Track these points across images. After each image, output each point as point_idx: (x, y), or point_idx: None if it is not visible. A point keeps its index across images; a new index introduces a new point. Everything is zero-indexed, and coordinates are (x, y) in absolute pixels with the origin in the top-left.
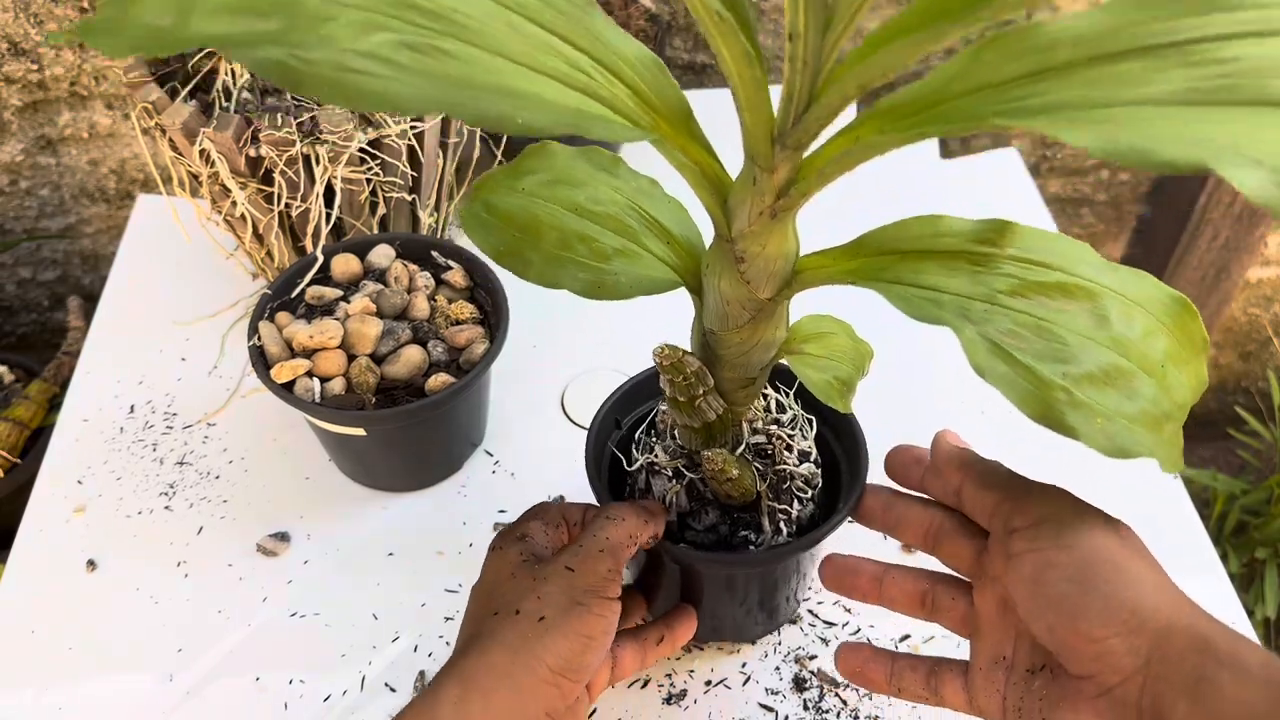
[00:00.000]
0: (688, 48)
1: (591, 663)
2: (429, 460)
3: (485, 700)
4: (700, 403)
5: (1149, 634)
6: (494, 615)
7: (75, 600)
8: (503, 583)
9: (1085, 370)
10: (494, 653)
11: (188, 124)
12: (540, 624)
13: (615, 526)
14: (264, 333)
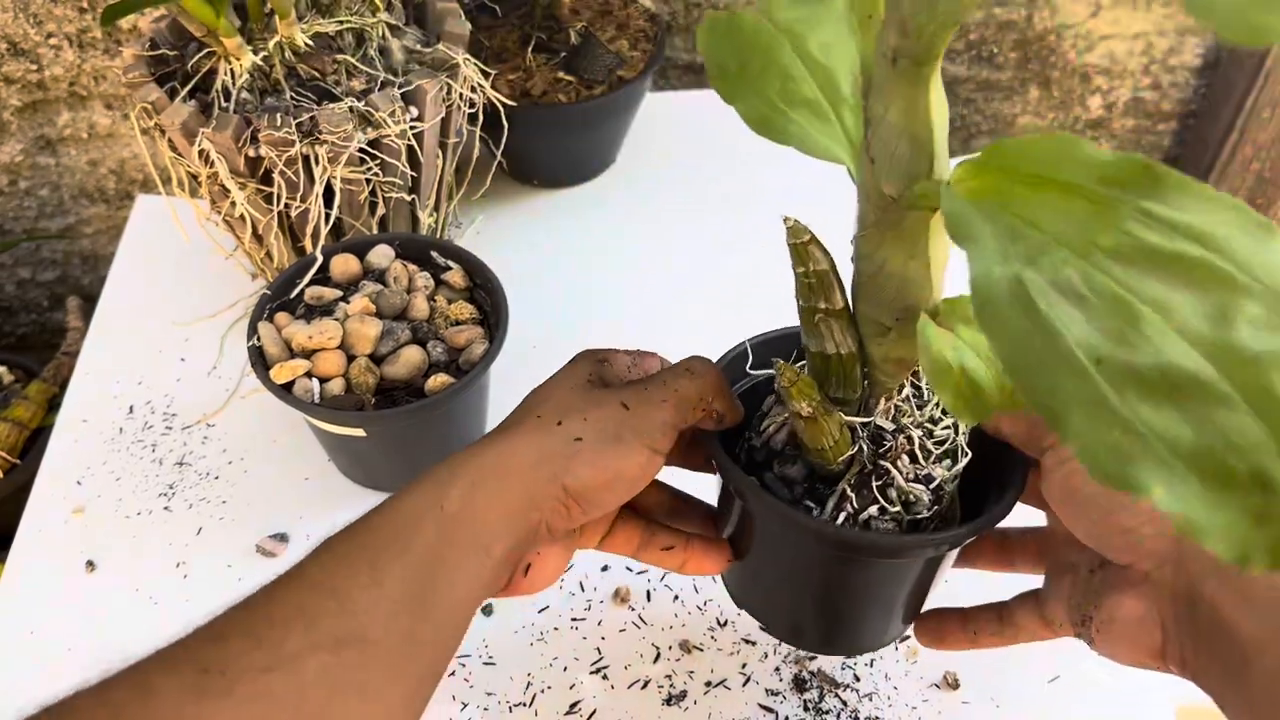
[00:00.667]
0: (688, 48)
1: (609, 500)
2: (429, 461)
3: (496, 491)
4: (820, 322)
5: None
6: (536, 418)
7: (74, 601)
8: (560, 393)
9: (1139, 364)
10: (520, 453)
11: (187, 124)
12: (574, 444)
13: (689, 381)
14: (263, 333)
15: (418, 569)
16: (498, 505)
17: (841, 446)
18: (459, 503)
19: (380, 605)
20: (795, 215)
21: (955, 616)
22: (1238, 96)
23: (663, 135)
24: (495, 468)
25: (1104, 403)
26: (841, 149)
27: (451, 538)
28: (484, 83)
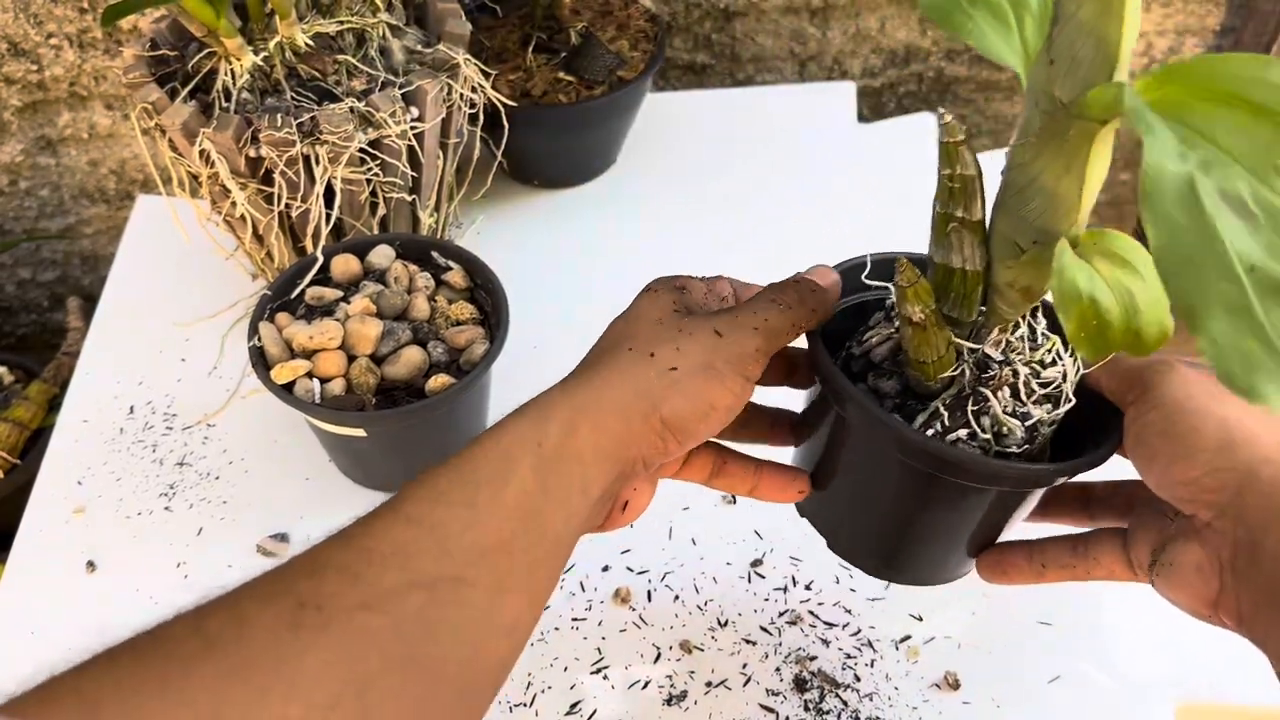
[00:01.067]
0: (688, 48)
1: (703, 431)
2: (429, 461)
3: (595, 430)
4: (953, 231)
5: (1239, 469)
6: (628, 351)
7: (75, 601)
8: (647, 324)
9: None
10: (616, 387)
11: (187, 124)
12: (670, 374)
13: (779, 313)
14: (264, 333)
15: (515, 511)
16: (596, 443)
17: (943, 364)
18: (556, 441)
19: (475, 548)
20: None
21: (1021, 548)
22: None
23: (663, 135)
24: (592, 404)
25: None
26: (1015, 55)
27: (549, 478)
28: (484, 83)
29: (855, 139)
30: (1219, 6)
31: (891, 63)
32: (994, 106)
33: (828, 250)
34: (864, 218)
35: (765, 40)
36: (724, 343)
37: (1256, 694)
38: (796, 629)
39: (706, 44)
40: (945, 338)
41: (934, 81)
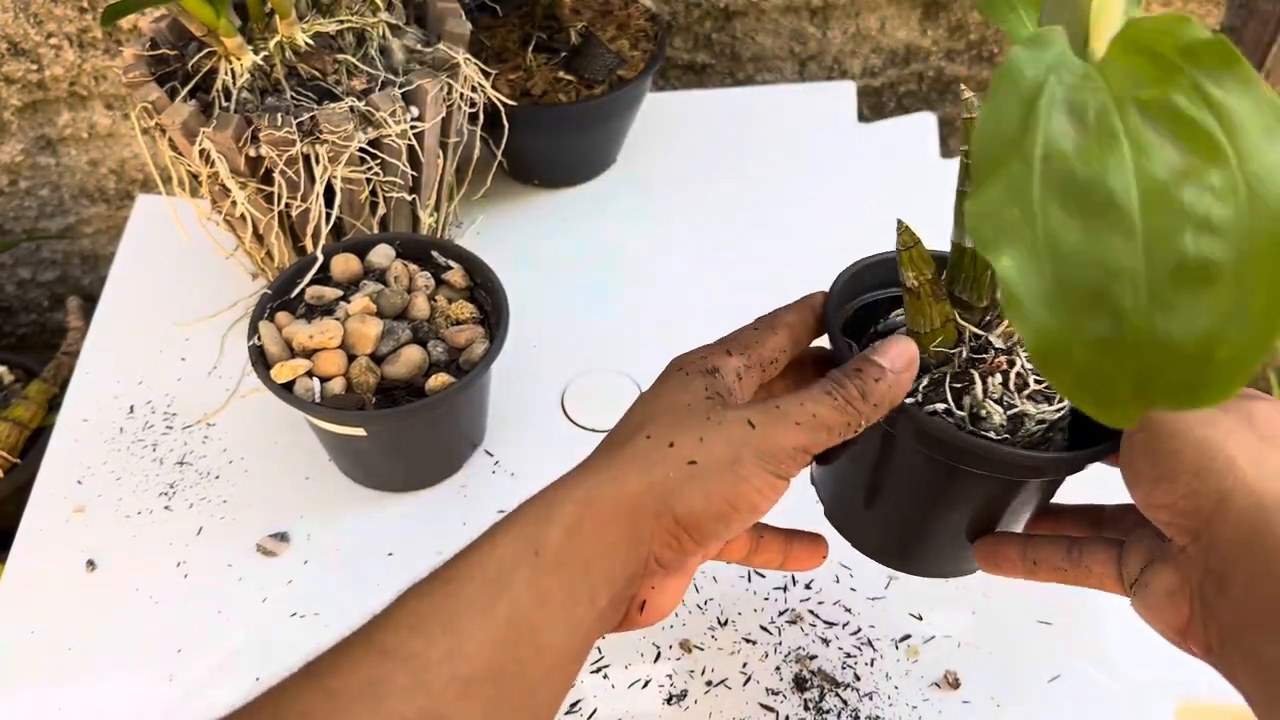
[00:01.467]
0: (688, 48)
1: (723, 532)
2: (429, 460)
3: (600, 529)
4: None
5: (1213, 495)
6: (645, 439)
7: (75, 600)
8: (671, 409)
9: (1079, 174)
10: (626, 479)
11: (187, 124)
12: (688, 468)
13: (832, 409)
14: (264, 333)
15: (506, 633)
16: (602, 544)
17: (938, 337)
18: (557, 545)
19: (456, 680)
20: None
21: (1016, 541)
22: None
23: (663, 135)
24: (599, 500)
25: (1024, 188)
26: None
27: (549, 589)
28: (484, 82)
29: (855, 139)
30: (1219, 6)
31: (891, 62)
32: None
33: (827, 250)
34: (864, 217)
35: (765, 40)
36: (756, 435)
37: None
38: (796, 628)
39: (706, 43)
40: (943, 311)
41: (934, 81)
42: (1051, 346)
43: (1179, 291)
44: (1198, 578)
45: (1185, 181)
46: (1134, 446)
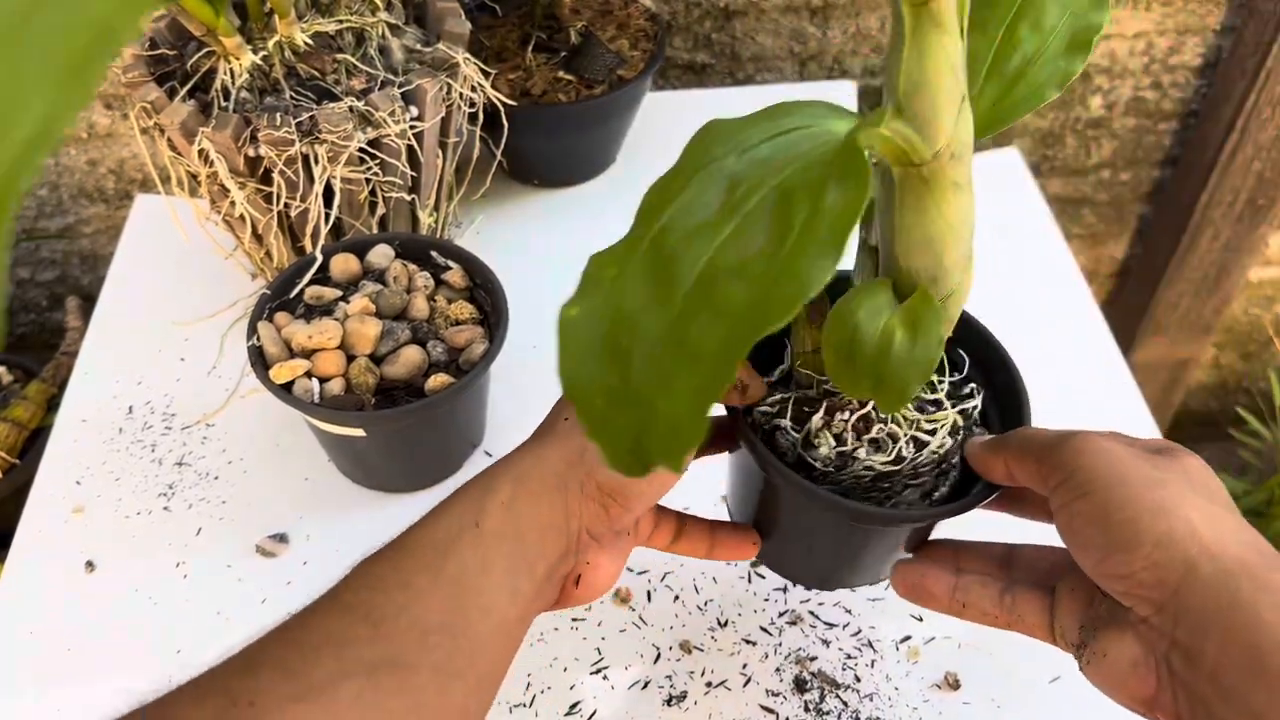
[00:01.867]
0: (688, 47)
1: (646, 493)
2: (428, 461)
3: (533, 504)
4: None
5: (1177, 564)
6: (564, 420)
7: (74, 601)
8: None
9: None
10: (551, 459)
11: (186, 123)
12: None
13: None
14: (263, 333)
15: (453, 593)
16: (535, 516)
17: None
18: (495, 519)
19: (414, 630)
20: None
21: (946, 578)
22: (1238, 96)
23: (663, 135)
24: (529, 478)
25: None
26: None
27: (490, 557)
28: (484, 82)
29: None
30: (1219, 6)
31: None
32: None
33: None
34: None
35: (765, 39)
36: None
37: None
38: (797, 629)
39: (706, 43)
40: (814, 338)
41: None
42: (579, 392)
43: (674, 360)
44: (1164, 648)
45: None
46: (1077, 517)
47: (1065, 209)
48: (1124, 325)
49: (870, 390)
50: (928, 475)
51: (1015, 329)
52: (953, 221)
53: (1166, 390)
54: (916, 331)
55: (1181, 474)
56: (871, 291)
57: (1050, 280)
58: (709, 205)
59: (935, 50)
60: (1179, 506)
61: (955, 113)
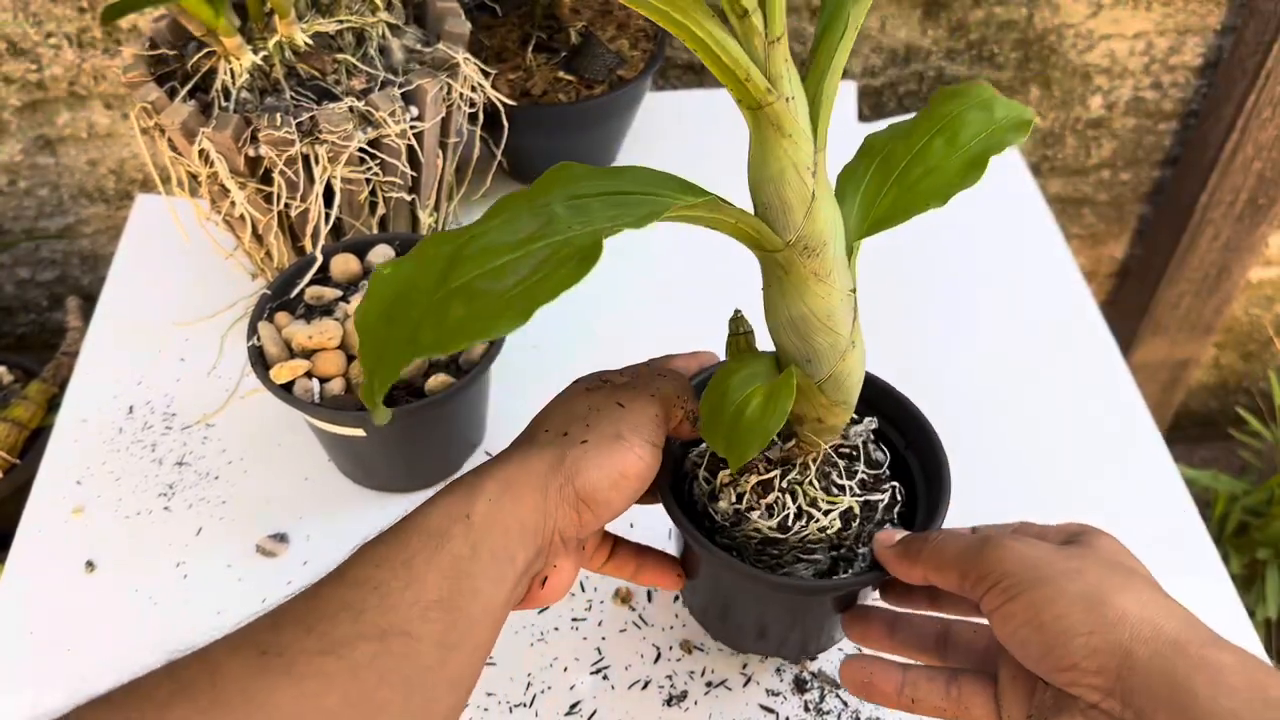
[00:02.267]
0: (687, 48)
1: (615, 501)
2: (429, 461)
3: (516, 503)
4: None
5: (1115, 651)
6: (545, 432)
7: (74, 601)
8: (563, 410)
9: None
10: (534, 463)
11: (187, 124)
12: (581, 447)
13: (664, 381)
14: (263, 333)
15: (448, 574)
16: (518, 515)
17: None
18: (483, 514)
19: (417, 604)
20: None
21: (894, 672)
22: (1238, 96)
23: (663, 135)
24: (513, 480)
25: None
26: None
27: (479, 545)
28: (484, 82)
29: (856, 138)
30: (1220, 6)
31: (891, 62)
32: None
33: None
34: None
35: None
36: (627, 412)
37: None
38: None
39: None
40: None
41: (934, 81)
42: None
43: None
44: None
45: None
46: (1010, 620)
47: (1065, 209)
48: (1124, 325)
49: (723, 447)
50: (821, 553)
51: (1015, 329)
52: (814, 309)
53: (1166, 390)
54: (769, 405)
55: (1096, 558)
56: (753, 362)
57: (1050, 280)
58: (517, 232)
59: (776, 150)
60: (1103, 592)
61: (805, 209)
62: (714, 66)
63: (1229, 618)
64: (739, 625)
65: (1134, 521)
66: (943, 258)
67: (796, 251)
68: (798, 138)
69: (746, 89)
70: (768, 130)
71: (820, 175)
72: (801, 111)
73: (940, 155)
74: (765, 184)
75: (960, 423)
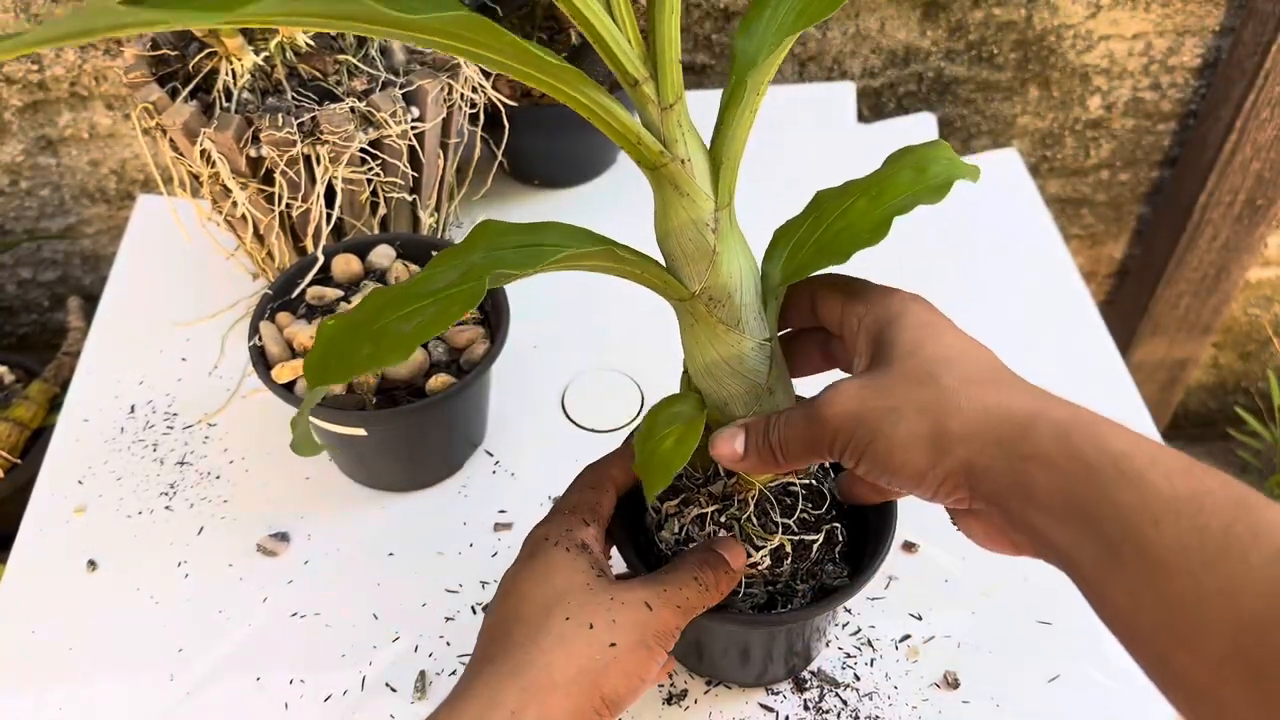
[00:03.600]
0: (688, 48)
1: (630, 704)
2: (429, 460)
3: (540, 711)
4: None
5: (960, 469)
6: (565, 620)
7: (75, 600)
8: (576, 590)
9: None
10: (559, 665)
11: (188, 124)
12: (610, 650)
13: (698, 593)
14: (265, 333)
15: None
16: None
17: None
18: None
19: None
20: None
21: None
22: (1237, 97)
23: None
24: (539, 686)
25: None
26: None
27: None
28: (485, 83)
29: (855, 139)
30: (1218, 6)
31: (891, 63)
32: (994, 106)
33: None
34: None
35: None
36: (654, 617)
37: None
38: None
39: (706, 44)
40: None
41: (934, 81)
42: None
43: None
44: (997, 522)
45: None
46: (872, 470)
47: (1064, 209)
48: (1123, 325)
49: (642, 473)
50: (757, 588)
51: (1014, 329)
52: (724, 355)
53: (1165, 390)
54: (679, 444)
55: (903, 375)
56: (681, 402)
57: (1049, 281)
58: (438, 283)
59: (674, 208)
60: (924, 422)
61: (707, 262)
62: (607, 131)
63: None
64: (712, 659)
65: None
66: (941, 258)
67: (702, 301)
68: (695, 196)
69: (640, 151)
70: (667, 189)
71: (724, 229)
72: (700, 171)
73: (858, 213)
74: (668, 237)
75: None
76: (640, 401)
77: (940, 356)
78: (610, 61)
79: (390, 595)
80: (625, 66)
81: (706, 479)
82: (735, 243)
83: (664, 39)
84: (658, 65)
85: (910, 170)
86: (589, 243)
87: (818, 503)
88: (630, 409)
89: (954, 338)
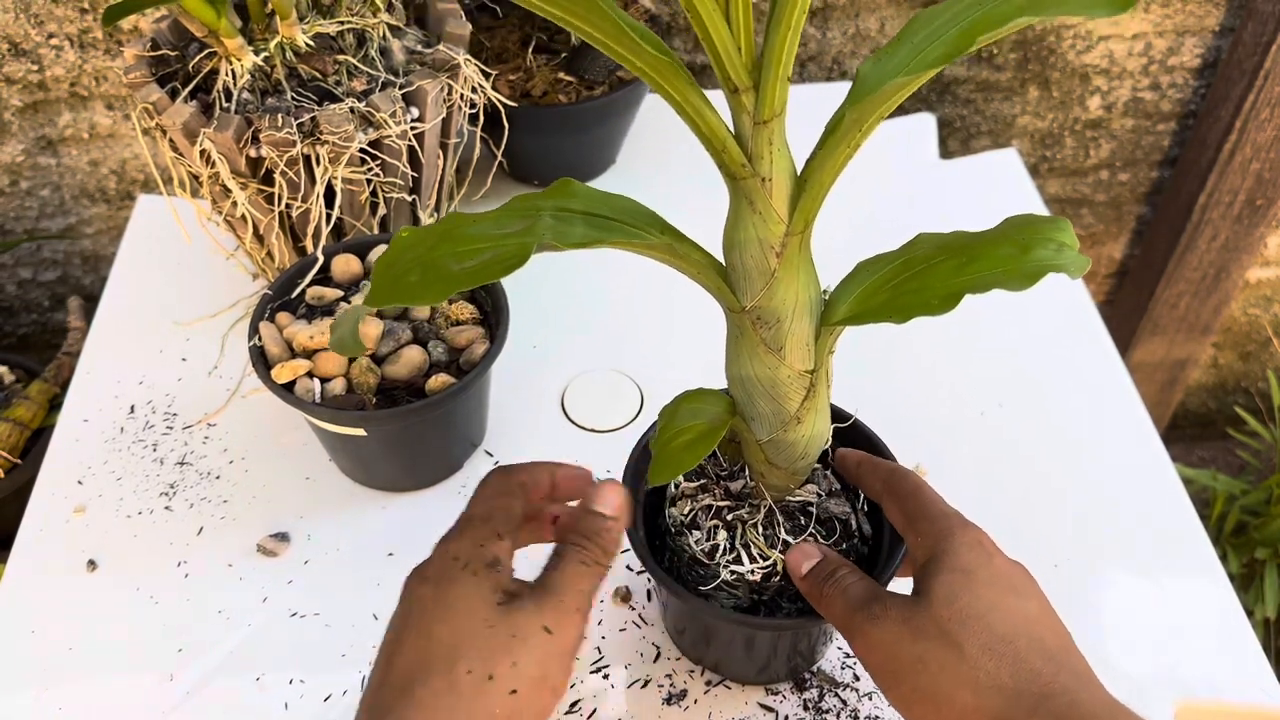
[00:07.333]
0: (688, 48)
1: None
2: (429, 460)
3: None
4: None
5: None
6: (466, 675)
7: (75, 600)
8: (478, 634)
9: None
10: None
11: (188, 124)
12: (511, 698)
13: (590, 574)
14: (264, 333)
15: None
16: None
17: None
18: None
19: None
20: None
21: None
22: (1237, 97)
23: (663, 135)
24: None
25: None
26: None
27: None
28: (485, 83)
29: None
30: (1218, 7)
31: None
32: (994, 106)
33: (827, 249)
34: (862, 218)
35: None
36: (555, 639)
37: (1256, 694)
38: None
39: None
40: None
41: (933, 81)
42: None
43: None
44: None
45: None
46: (893, 701)
47: (1064, 210)
48: (1122, 325)
49: (653, 455)
50: (741, 591)
51: (1013, 329)
52: (759, 375)
53: (1165, 390)
54: (691, 447)
55: (936, 628)
56: (712, 400)
57: (1048, 281)
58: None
59: (745, 222)
60: (939, 686)
61: (763, 284)
62: (695, 131)
63: (1227, 617)
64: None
65: (1132, 521)
66: None
67: (751, 318)
68: (767, 216)
69: (722, 158)
70: (741, 201)
71: (791, 253)
72: (780, 193)
73: (938, 277)
74: (733, 248)
75: (958, 422)
76: (640, 401)
77: (971, 614)
78: (714, 62)
79: (390, 595)
80: (728, 71)
81: (731, 473)
82: (800, 269)
83: (776, 52)
84: (762, 77)
85: (1012, 246)
86: (654, 229)
87: (828, 533)
88: (630, 409)
89: (986, 589)
